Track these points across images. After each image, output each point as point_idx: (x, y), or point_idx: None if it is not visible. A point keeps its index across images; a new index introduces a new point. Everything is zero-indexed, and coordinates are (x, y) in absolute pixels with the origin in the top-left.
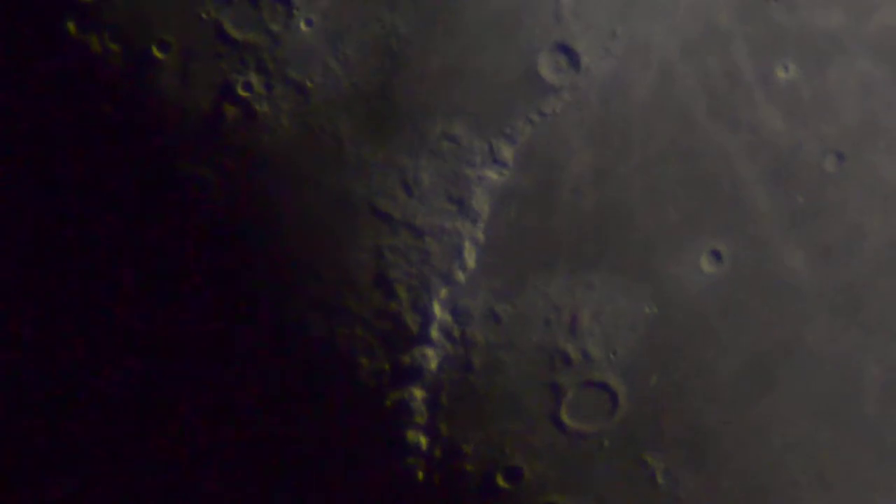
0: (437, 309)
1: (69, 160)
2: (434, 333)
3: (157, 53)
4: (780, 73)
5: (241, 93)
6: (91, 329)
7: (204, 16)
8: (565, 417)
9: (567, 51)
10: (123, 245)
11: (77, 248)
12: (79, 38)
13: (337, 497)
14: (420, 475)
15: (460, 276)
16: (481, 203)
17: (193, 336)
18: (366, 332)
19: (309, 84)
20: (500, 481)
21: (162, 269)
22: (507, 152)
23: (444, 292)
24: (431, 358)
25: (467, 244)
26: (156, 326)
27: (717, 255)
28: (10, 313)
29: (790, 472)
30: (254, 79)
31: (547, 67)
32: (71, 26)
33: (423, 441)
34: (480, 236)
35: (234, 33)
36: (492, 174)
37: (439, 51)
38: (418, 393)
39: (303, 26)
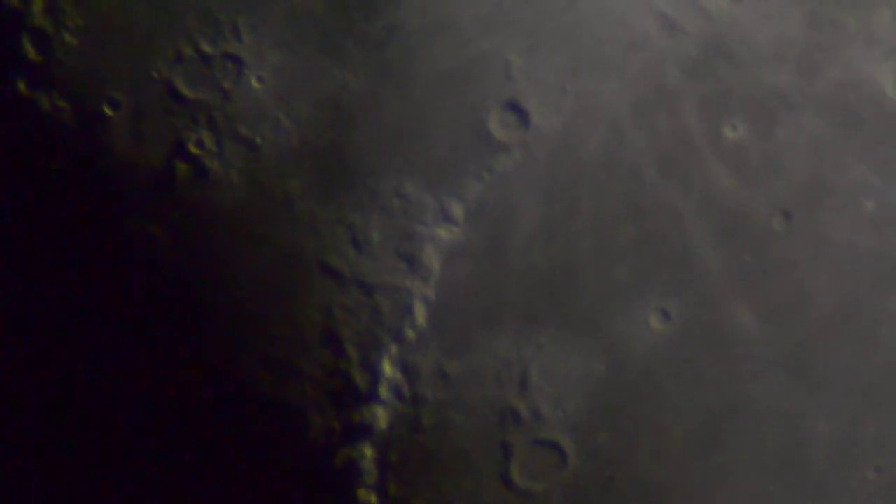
0: (386, 367)
1: (18, 218)
2: (384, 391)
3: (107, 111)
4: (729, 132)
5: (193, 150)
6: (36, 387)
7: (155, 74)
8: (515, 476)
9: (517, 108)
10: (72, 302)
11: (24, 305)
12: (28, 97)
13: None
14: None
15: (410, 334)
16: (432, 260)
17: (142, 394)
18: (315, 389)
19: (260, 141)
20: None
21: (111, 325)
22: (457, 210)
23: (394, 350)
24: (381, 416)
25: (417, 302)
26: (103, 384)
27: (666, 314)
28: None
29: None
30: (205, 136)
31: (497, 125)
32: (20, 84)
33: (373, 499)
34: (430, 294)
35: (186, 91)
36: (442, 232)
37: (390, 108)
38: (368, 451)
39: (254, 83)
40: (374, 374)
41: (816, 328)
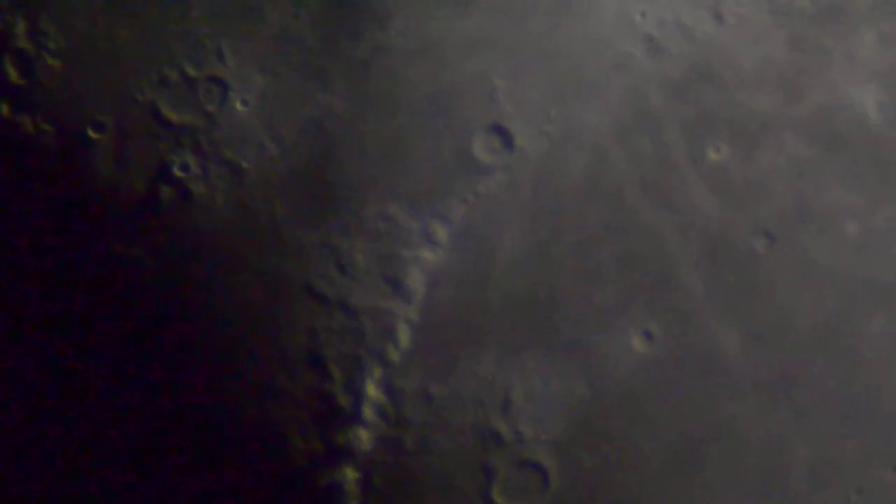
0: (370, 389)
1: (1, 242)
2: (367, 413)
3: (91, 134)
4: (712, 155)
5: (177, 173)
6: (17, 414)
7: (139, 97)
8: (497, 497)
9: (501, 132)
10: (55, 325)
11: (5, 329)
12: (12, 119)
13: None
14: None
15: (394, 356)
16: (416, 283)
17: (124, 415)
18: (299, 411)
19: (244, 165)
20: None
21: (94, 349)
22: (441, 232)
23: (377, 372)
24: (364, 438)
25: (401, 324)
26: (85, 407)
27: (648, 335)
28: None
29: None
30: (190, 160)
31: (481, 148)
32: (4, 107)
33: None
34: (414, 316)
35: (170, 114)
36: (426, 254)
37: (374, 131)
38: (351, 473)
39: (238, 107)
40: (358, 396)
41: (799, 350)
